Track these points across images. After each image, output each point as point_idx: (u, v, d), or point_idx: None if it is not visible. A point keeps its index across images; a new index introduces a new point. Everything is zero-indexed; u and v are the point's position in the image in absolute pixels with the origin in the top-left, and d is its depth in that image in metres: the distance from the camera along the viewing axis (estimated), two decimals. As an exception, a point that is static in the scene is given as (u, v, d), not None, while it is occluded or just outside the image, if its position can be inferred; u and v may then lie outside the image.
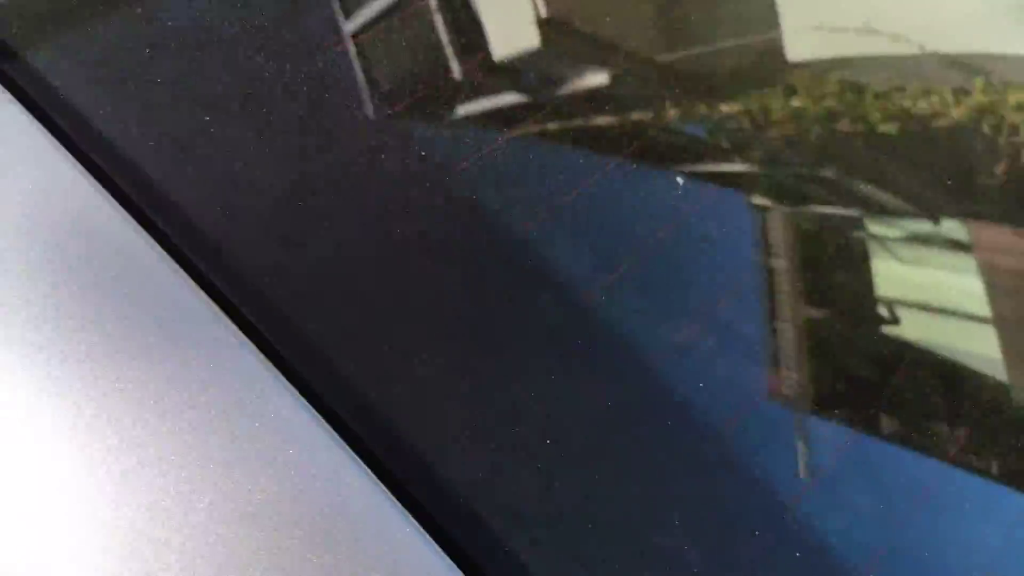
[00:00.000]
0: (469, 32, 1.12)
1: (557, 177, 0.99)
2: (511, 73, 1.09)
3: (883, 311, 1.01)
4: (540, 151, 0.99)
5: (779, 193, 1.04)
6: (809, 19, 1.05)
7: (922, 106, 0.96)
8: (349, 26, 1.16)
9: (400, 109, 1.06)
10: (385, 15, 1.19)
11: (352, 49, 1.13)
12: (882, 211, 1.06)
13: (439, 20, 1.16)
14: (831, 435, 0.93)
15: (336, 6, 1.18)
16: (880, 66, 1.00)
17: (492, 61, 1.10)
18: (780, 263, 1.01)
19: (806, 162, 1.05)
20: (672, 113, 1.04)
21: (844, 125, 0.97)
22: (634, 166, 1.03)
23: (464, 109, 1.07)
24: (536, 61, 1.08)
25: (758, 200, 1.05)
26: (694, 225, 1.00)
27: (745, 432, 0.91)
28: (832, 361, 0.99)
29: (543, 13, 1.05)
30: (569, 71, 1.07)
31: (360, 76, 1.09)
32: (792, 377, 0.96)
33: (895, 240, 1.04)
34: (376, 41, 1.15)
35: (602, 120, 1.04)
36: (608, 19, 1.08)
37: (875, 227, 1.05)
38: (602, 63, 1.06)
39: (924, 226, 1.04)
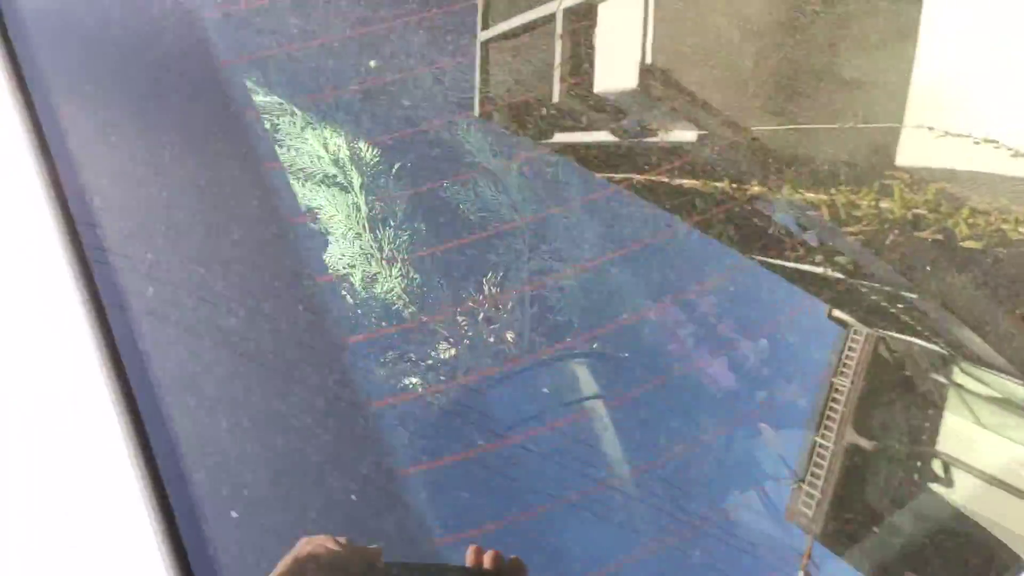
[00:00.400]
0: (580, 62, 1.12)
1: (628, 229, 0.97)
2: (605, 110, 1.08)
3: (937, 468, 0.90)
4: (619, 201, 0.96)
5: (861, 310, 0.96)
6: (933, 120, 0.96)
7: (1022, 231, 0.85)
8: (483, 35, 1.20)
9: (493, 112, 1.07)
10: (516, 32, 1.21)
11: (478, 54, 1.16)
12: (974, 358, 0.95)
13: (559, 46, 1.17)
14: (835, 571, 0.85)
15: (478, 16, 1.22)
16: (988, 183, 0.90)
17: (591, 94, 1.08)
18: (844, 382, 0.94)
19: (890, 279, 0.96)
20: (756, 189, 0.99)
21: (926, 233, 0.88)
22: (708, 237, 0.99)
23: (555, 134, 1.07)
24: (629, 103, 1.06)
25: (839, 313, 0.97)
26: (763, 320, 0.94)
27: (747, 549, 0.84)
28: (861, 496, 0.90)
29: (648, 59, 1.02)
30: (658, 121, 1.04)
31: (477, 78, 1.12)
32: (814, 498, 0.89)
33: (979, 397, 0.92)
34: (500, 52, 1.18)
35: (682, 179, 1.00)
36: (713, 77, 1.04)
37: (962, 377, 0.94)
38: (693, 120, 1.02)
39: (1017, 391, 0.92)
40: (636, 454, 0.79)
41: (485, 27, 1.22)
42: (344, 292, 0.77)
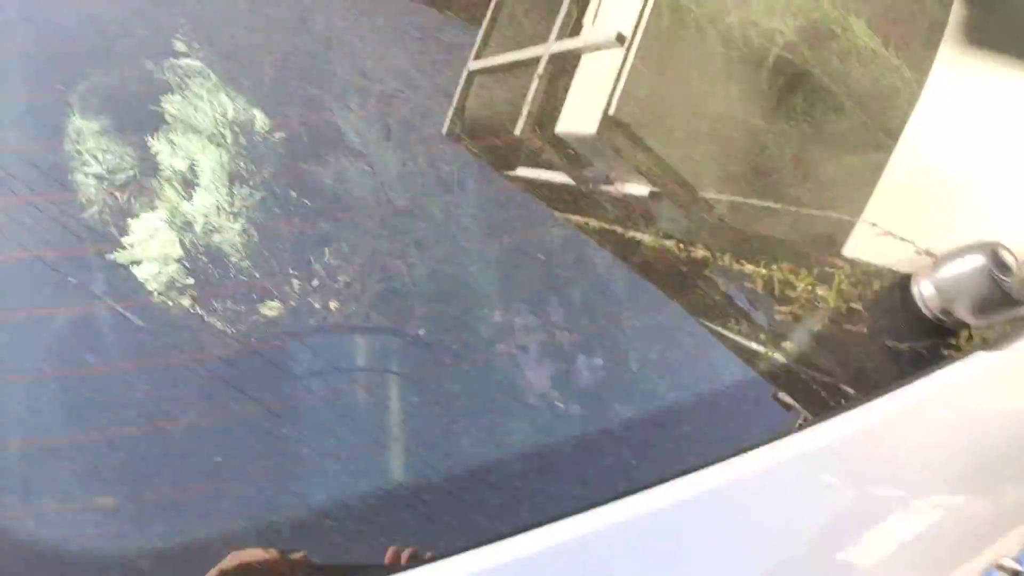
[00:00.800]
0: (551, 102, 1.11)
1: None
2: (563, 151, 1.06)
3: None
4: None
5: (805, 398, 0.92)
6: (887, 221, 0.94)
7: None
8: (473, 64, 1.20)
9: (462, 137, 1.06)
10: (503, 67, 1.21)
11: (463, 80, 1.16)
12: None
13: (535, 85, 1.16)
14: None
15: (473, 49, 1.22)
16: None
17: (552, 134, 1.07)
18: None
19: (832, 371, 0.92)
20: (701, 253, 0.96)
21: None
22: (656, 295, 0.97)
23: (517, 167, 1.06)
24: (585, 149, 1.04)
25: (784, 396, 0.94)
26: (708, 395, 0.91)
27: None
28: None
29: (612, 110, 1.01)
30: (615, 171, 1.02)
31: (456, 100, 1.12)
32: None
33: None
34: (482, 82, 1.17)
35: (634, 231, 0.98)
36: (676, 138, 1.02)
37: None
38: (648, 176, 1.00)
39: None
40: (420, 447, 0.77)
41: (477, 58, 1.22)
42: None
